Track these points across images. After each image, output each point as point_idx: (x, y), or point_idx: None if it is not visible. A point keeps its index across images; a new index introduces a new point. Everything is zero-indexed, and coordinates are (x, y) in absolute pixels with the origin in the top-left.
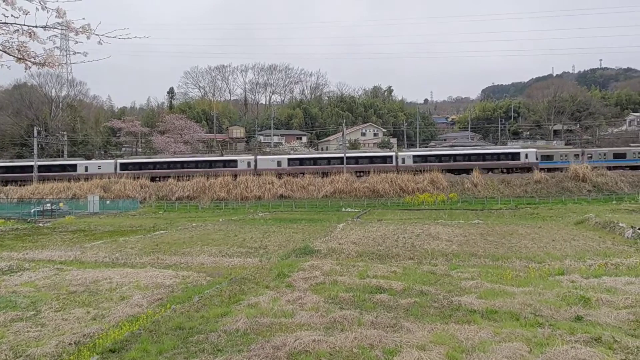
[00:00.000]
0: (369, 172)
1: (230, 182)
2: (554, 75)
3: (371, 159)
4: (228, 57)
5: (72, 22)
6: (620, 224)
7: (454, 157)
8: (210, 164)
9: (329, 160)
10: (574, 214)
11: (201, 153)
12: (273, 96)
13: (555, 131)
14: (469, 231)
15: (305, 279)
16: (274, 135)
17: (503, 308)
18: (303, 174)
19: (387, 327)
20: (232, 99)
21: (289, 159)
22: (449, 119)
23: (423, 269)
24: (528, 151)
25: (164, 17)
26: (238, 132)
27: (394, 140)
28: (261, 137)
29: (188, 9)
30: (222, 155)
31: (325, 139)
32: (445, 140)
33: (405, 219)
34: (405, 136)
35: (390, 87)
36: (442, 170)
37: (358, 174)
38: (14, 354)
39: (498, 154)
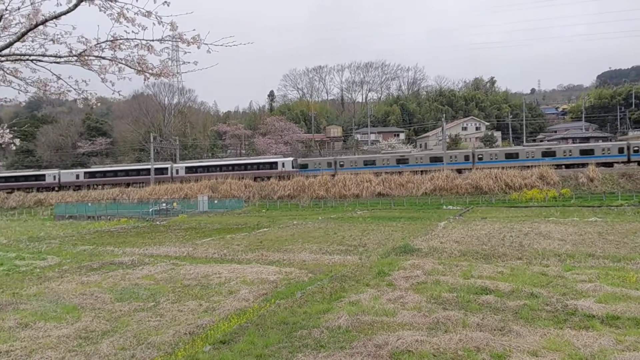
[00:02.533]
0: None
1: (328, 180)
2: None
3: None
4: (325, 58)
5: (184, 34)
6: None
7: (220, 168)
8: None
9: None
10: None
11: (301, 154)
12: (369, 94)
13: None
14: (584, 229)
15: (406, 278)
16: (370, 132)
17: (626, 314)
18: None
19: (495, 329)
20: (329, 98)
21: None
22: (560, 109)
23: (533, 269)
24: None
25: (263, 22)
26: (335, 131)
27: (497, 134)
28: (358, 136)
29: (285, 12)
30: (320, 154)
31: (424, 135)
32: (555, 132)
33: (512, 216)
34: (510, 129)
35: (492, 77)
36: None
37: None
38: (137, 341)
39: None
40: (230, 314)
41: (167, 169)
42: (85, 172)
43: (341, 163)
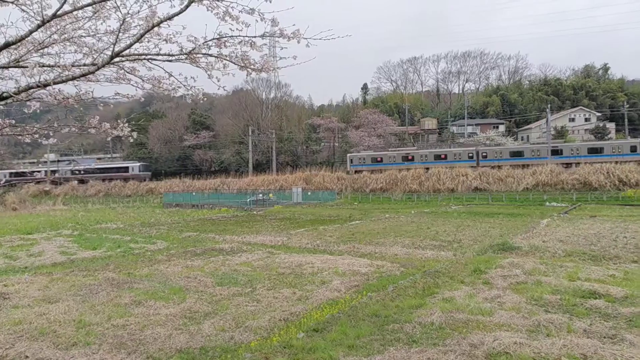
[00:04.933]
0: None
1: (422, 174)
2: None
3: None
4: (421, 48)
5: (285, 29)
6: None
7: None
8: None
9: None
10: None
11: (393, 146)
12: (467, 84)
13: None
14: None
15: (504, 277)
16: (467, 125)
17: None
18: None
19: (604, 337)
20: (423, 90)
21: None
22: None
23: None
24: None
25: (361, 15)
26: (430, 123)
27: (611, 125)
28: (454, 128)
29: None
30: (413, 146)
31: (526, 127)
32: None
33: (626, 215)
34: (626, 120)
35: (606, 64)
36: None
37: None
38: (236, 324)
39: None
40: (322, 303)
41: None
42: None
43: (484, 154)
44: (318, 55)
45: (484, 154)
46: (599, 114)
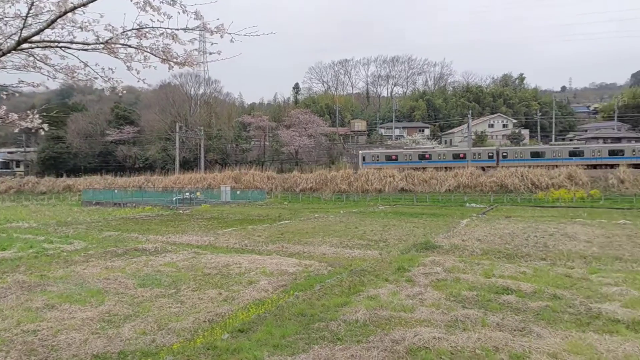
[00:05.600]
0: None
1: (351, 174)
2: None
3: None
4: (351, 51)
5: (208, 23)
6: None
7: None
8: None
9: None
10: None
11: (324, 147)
12: (395, 88)
13: None
14: (613, 232)
15: (426, 275)
16: (395, 127)
17: None
18: None
19: (515, 330)
20: (354, 92)
21: None
22: (591, 108)
23: (557, 271)
24: None
25: (289, 14)
26: (360, 125)
27: (525, 132)
28: (382, 130)
29: (310, 4)
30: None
31: (449, 131)
32: (586, 131)
33: (537, 216)
34: (538, 127)
35: (522, 74)
36: None
37: None
38: (158, 327)
39: None
40: (249, 303)
41: None
42: None
43: (504, 154)
44: (250, 53)
45: (504, 154)
46: (515, 121)
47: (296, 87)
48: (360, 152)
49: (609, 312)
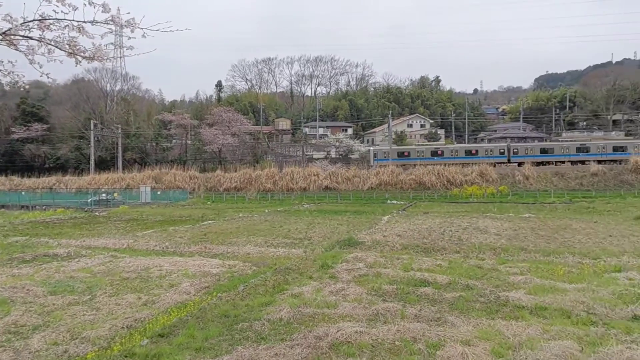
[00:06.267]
0: None
1: (276, 173)
2: (614, 62)
3: None
4: (275, 50)
5: (118, 17)
6: None
7: None
8: None
9: None
10: (634, 209)
11: (248, 146)
12: (319, 88)
13: (614, 121)
14: (519, 225)
15: (349, 271)
16: (319, 127)
17: (553, 305)
18: None
19: (431, 320)
20: (278, 91)
21: None
22: (500, 109)
23: (469, 262)
24: None
25: (212, 10)
26: (284, 124)
27: (441, 132)
28: (306, 129)
29: (236, 2)
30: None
31: (371, 131)
32: (495, 131)
33: (452, 212)
34: (453, 127)
35: (438, 77)
36: None
37: None
38: (71, 336)
39: None
40: (170, 307)
41: None
42: None
43: (515, 150)
44: (171, 49)
45: (515, 150)
46: (432, 121)
47: (219, 85)
48: (371, 148)
49: (515, 300)
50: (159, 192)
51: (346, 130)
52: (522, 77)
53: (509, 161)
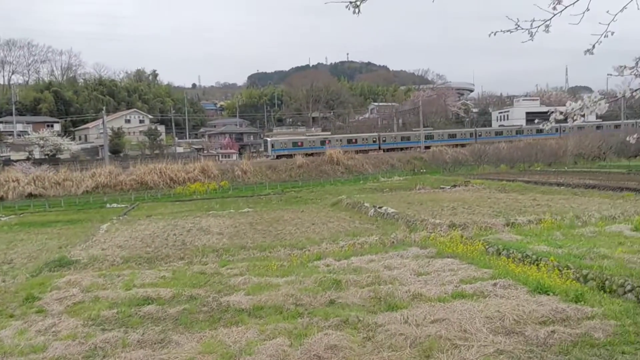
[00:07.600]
0: None
1: None
2: (311, 65)
3: None
4: None
5: None
6: (365, 204)
7: None
8: None
9: None
10: (330, 196)
11: None
12: (13, 76)
13: (313, 118)
14: (239, 221)
15: (60, 300)
16: (17, 122)
17: (268, 302)
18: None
19: (155, 343)
20: None
21: None
22: (218, 105)
23: (194, 269)
24: None
25: None
26: None
27: (162, 128)
28: (1, 125)
29: None
30: None
31: (84, 127)
32: (215, 126)
33: (177, 212)
34: (173, 123)
35: (155, 70)
36: None
37: None
38: None
39: None
40: None
41: None
42: None
43: (383, 139)
44: None
45: (384, 139)
46: (152, 117)
47: None
48: (268, 139)
49: (236, 303)
50: None
51: (52, 126)
52: (237, 74)
53: (379, 147)
